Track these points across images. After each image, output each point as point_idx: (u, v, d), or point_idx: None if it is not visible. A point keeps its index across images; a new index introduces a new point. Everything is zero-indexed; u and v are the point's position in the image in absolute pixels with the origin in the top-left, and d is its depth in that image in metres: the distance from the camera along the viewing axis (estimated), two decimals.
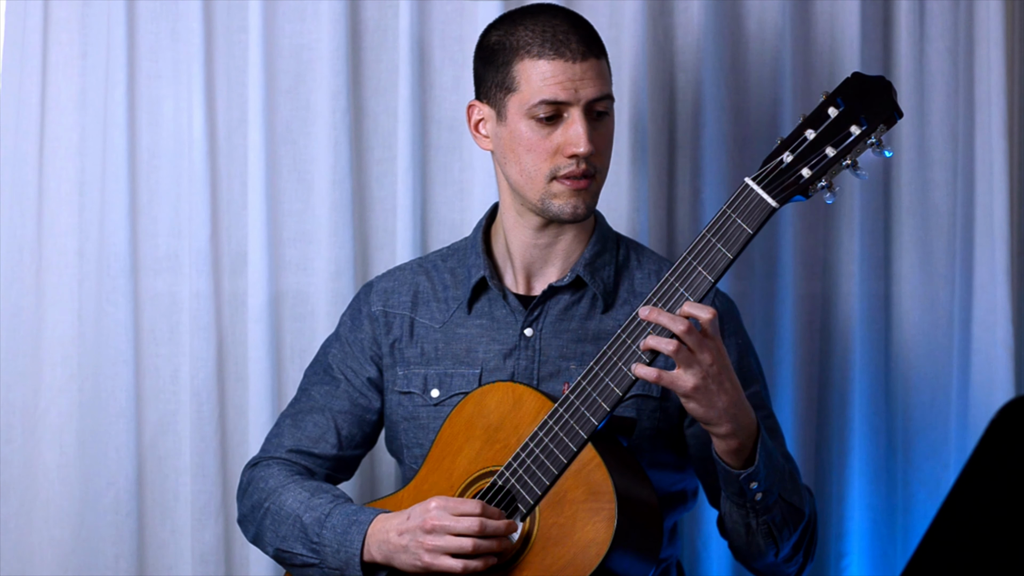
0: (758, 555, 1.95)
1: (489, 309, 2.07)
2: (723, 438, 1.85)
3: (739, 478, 1.86)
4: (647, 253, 2.13)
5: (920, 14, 2.51)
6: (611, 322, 2.05)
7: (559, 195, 1.99)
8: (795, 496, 1.94)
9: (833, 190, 1.79)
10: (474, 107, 2.06)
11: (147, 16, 2.40)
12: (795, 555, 1.97)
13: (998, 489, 1.34)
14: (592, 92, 1.97)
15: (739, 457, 1.86)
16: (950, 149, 2.51)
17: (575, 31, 1.98)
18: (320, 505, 1.97)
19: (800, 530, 1.95)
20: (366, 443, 2.13)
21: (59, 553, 2.39)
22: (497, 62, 2.01)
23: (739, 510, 1.91)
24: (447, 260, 2.14)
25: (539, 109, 1.97)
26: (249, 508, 2.06)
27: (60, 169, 2.40)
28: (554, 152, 1.98)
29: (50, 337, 2.39)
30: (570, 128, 1.97)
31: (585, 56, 1.97)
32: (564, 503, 1.83)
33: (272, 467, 2.07)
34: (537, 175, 1.99)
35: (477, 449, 1.92)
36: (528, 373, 2.03)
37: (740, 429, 1.84)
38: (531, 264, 2.07)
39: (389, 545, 1.89)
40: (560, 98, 1.96)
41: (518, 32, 1.99)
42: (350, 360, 2.11)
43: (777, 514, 1.91)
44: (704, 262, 1.81)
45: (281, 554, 2.00)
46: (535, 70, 1.97)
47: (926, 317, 2.51)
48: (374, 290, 2.14)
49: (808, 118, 1.80)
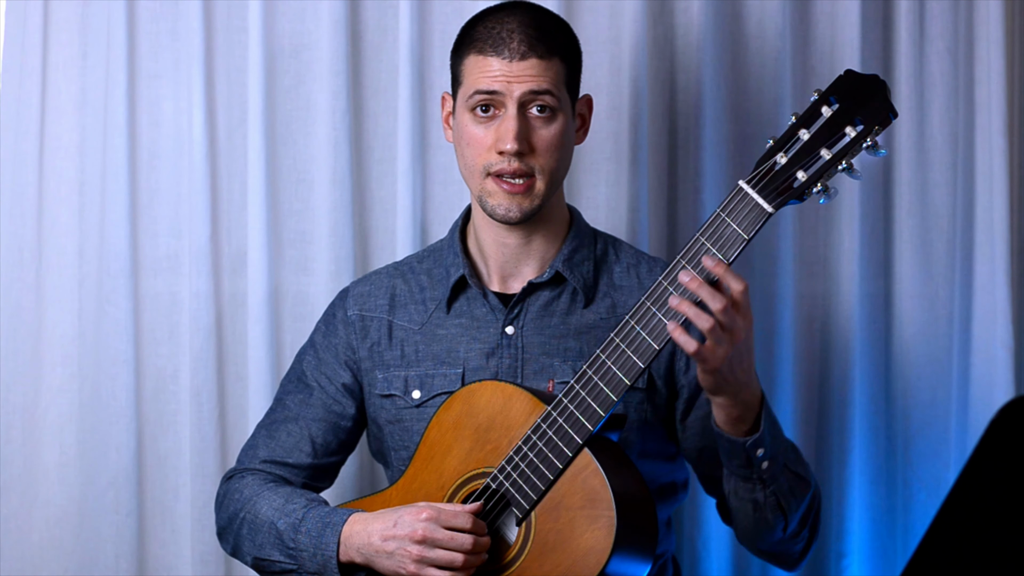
0: (766, 532, 1.93)
1: (468, 308, 2.06)
2: (724, 407, 1.83)
3: (745, 445, 1.84)
4: (624, 247, 2.12)
5: (920, 14, 2.51)
6: (593, 316, 2.04)
7: (493, 194, 2.00)
8: (800, 466, 1.93)
9: (828, 192, 1.77)
10: (446, 99, 2.09)
11: (147, 16, 2.40)
12: (801, 530, 1.96)
13: (998, 489, 1.34)
14: (526, 87, 1.97)
15: (741, 425, 1.84)
16: (950, 149, 2.51)
17: (522, 30, 1.98)
18: (294, 511, 1.96)
19: (807, 501, 1.93)
20: (342, 450, 2.12)
21: (59, 553, 2.39)
22: (457, 56, 2.04)
23: (745, 484, 1.89)
24: (423, 262, 2.14)
25: (473, 100, 1.99)
26: (226, 520, 2.05)
27: (60, 169, 2.40)
28: (489, 147, 1.99)
29: (50, 337, 2.40)
30: (503, 125, 1.98)
31: (524, 55, 1.97)
32: (561, 509, 1.82)
33: (246, 478, 2.06)
34: (474, 169, 2.01)
35: (467, 449, 1.91)
36: (512, 372, 2.02)
37: (745, 399, 1.83)
38: (505, 263, 2.07)
39: (371, 548, 1.88)
40: (491, 88, 1.97)
41: (476, 28, 2.02)
42: (324, 367, 2.10)
43: (784, 483, 1.89)
44: (699, 267, 1.78)
45: (259, 563, 2.00)
46: (476, 65, 1.99)
47: (926, 317, 2.51)
48: (350, 295, 2.14)
49: (801, 117, 1.78)
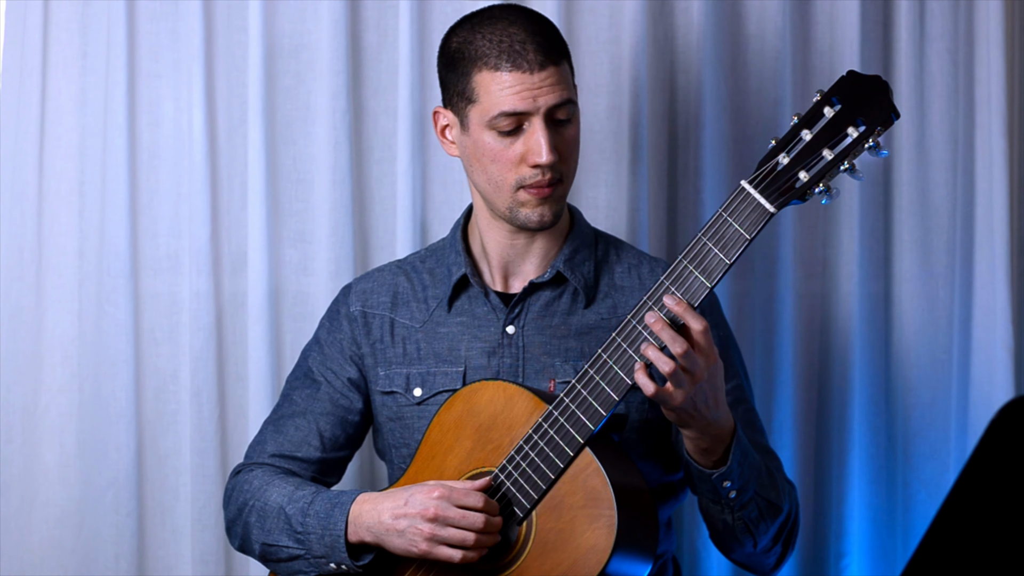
0: (736, 546, 1.96)
1: (470, 307, 2.06)
2: (692, 439, 1.87)
3: (711, 477, 1.87)
4: (626, 247, 2.12)
5: (920, 14, 2.51)
6: (594, 317, 2.05)
7: (526, 203, 1.99)
8: (772, 492, 1.94)
9: (830, 193, 1.76)
10: (439, 113, 2.06)
11: (147, 16, 2.40)
12: (774, 546, 1.98)
13: (998, 489, 1.34)
14: (551, 99, 1.95)
15: (710, 456, 1.87)
16: (950, 149, 2.51)
17: (532, 39, 1.96)
18: (303, 496, 1.97)
19: (779, 524, 1.95)
20: (350, 444, 2.12)
21: (59, 553, 2.39)
22: (458, 71, 2.00)
23: (715, 506, 1.92)
24: (425, 261, 2.14)
25: (499, 121, 1.96)
26: (235, 512, 2.05)
27: (60, 169, 2.40)
28: (518, 162, 1.97)
29: (50, 337, 2.40)
30: (531, 138, 1.95)
31: (543, 65, 1.95)
32: (562, 508, 1.83)
33: (255, 471, 2.06)
34: (503, 184, 1.99)
35: (468, 448, 1.91)
36: (513, 371, 2.02)
37: (713, 433, 1.85)
38: (508, 263, 2.07)
39: (381, 526, 1.88)
40: (519, 108, 1.95)
41: (476, 41, 1.97)
42: (330, 362, 2.10)
43: (753, 510, 1.91)
44: (701, 267, 1.79)
45: (267, 549, 1.99)
46: (493, 82, 1.95)
47: (926, 317, 2.51)
48: (353, 291, 2.14)
49: (803, 117, 1.77)
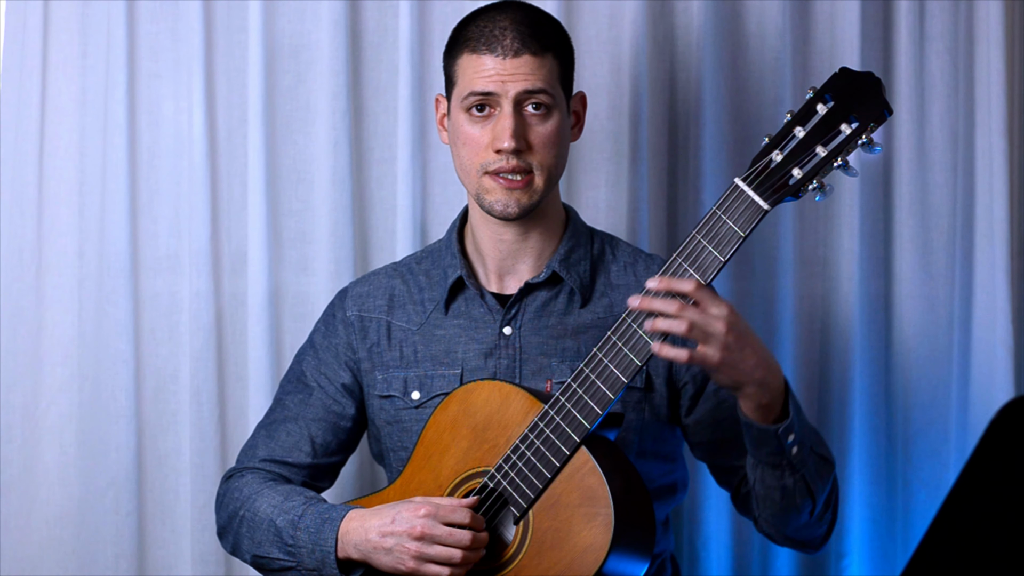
0: (794, 516, 1.92)
1: (466, 309, 2.07)
2: (752, 397, 1.82)
3: (777, 432, 1.83)
4: (622, 245, 2.12)
5: (920, 14, 2.50)
6: (590, 316, 2.04)
7: (491, 191, 2.00)
8: (822, 447, 1.93)
9: (824, 189, 1.77)
10: (440, 101, 2.09)
11: (147, 16, 2.40)
12: (826, 512, 1.96)
13: (998, 489, 1.34)
14: (521, 86, 1.97)
15: (769, 413, 1.83)
16: (950, 149, 2.51)
17: (514, 27, 1.98)
18: (293, 508, 1.96)
19: (831, 483, 1.94)
20: (342, 450, 2.11)
21: (59, 553, 2.39)
22: (451, 56, 2.04)
23: (774, 472, 1.88)
24: (421, 263, 2.14)
25: (469, 101, 1.99)
26: (226, 518, 2.05)
27: (60, 169, 2.40)
28: (485, 146, 1.99)
29: (50, 337, 2.40)
30: (499, 124, 1.98)
31: (518, 52, 1.97)
32: (558, 507, 1.82)
33: (246, 476, 2.06)
34: (471, 168, 2.01)
35: (465, 448, 1.91)
36: (510, 372, 2.02)
37: (769, 385, 1.81)
38: (503, 262, 2.07)
39: (369, 544, 1.88)
40: (487, 89, 1.98)
41: (467, 29, 2.02)
42: (324, 367, 2.10)
43: (812, 466, 1.89)
44: (695, 264, 1.78)
45: (258, 560, 1.99)
46: (470, 65, 1.99)
47: (926, 317, 2.51)
48: (349, 295, 2.14)
49: (796, 114, 1.78)
